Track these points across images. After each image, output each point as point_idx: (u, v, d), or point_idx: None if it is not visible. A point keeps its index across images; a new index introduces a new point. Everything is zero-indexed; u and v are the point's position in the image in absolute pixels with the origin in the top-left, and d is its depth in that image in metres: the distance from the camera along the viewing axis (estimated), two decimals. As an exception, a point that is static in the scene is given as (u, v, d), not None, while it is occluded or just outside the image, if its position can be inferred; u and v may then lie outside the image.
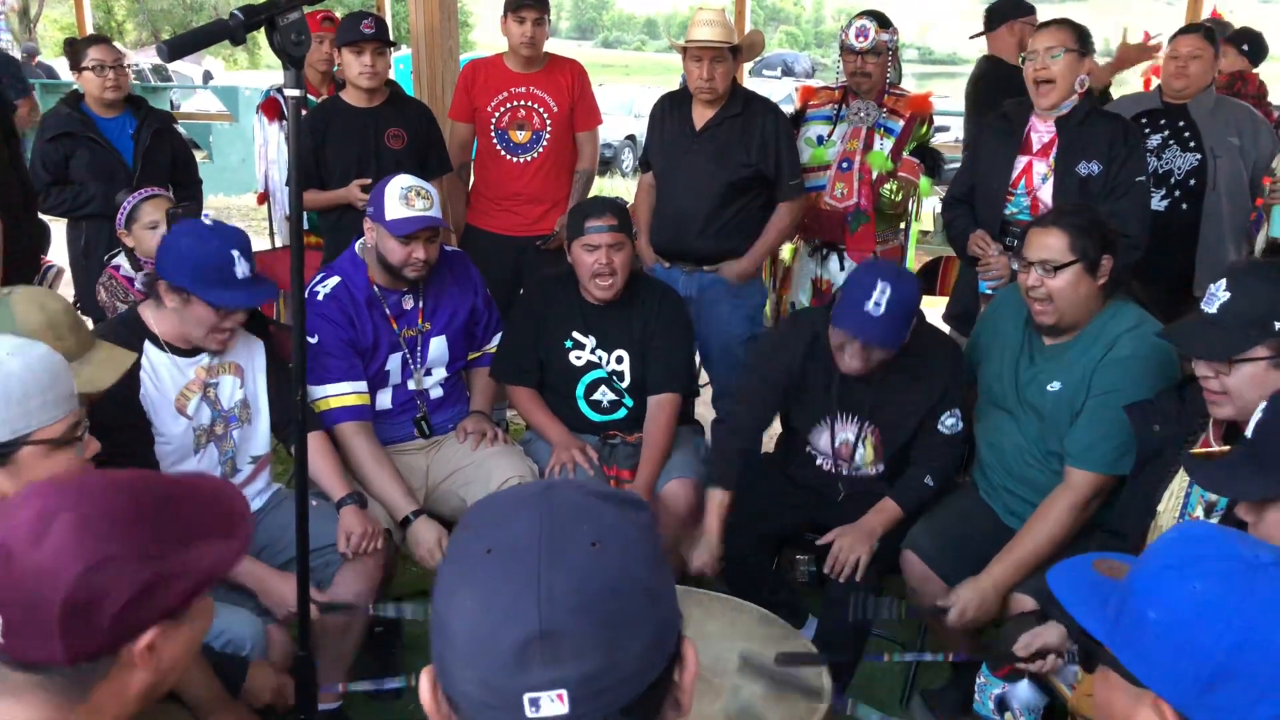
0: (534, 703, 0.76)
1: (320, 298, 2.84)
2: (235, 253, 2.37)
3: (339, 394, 2.80)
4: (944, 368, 2.72)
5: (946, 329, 3.44)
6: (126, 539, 1.11)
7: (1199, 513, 2.03)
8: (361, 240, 2.94)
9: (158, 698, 1.23)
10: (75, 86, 4.24)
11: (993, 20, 4.36)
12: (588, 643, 0.76)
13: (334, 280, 2.88)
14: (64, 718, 1.11)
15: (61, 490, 1.14)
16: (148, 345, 2.44)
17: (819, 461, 2.89)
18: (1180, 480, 2.08)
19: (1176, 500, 2.08)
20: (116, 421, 2.28)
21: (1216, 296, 1.94)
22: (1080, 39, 3.03)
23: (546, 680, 0.76)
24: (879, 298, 2.46)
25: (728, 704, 1.93)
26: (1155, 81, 4.04)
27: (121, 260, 3.35)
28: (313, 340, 2.76)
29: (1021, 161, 3.15)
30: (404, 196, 2.76)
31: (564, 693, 0.76)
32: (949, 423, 2.72)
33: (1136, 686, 1.03)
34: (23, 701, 1.11)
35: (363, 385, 2.85)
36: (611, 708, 0.78)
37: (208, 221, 2.48)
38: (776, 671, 1.98)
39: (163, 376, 2.45)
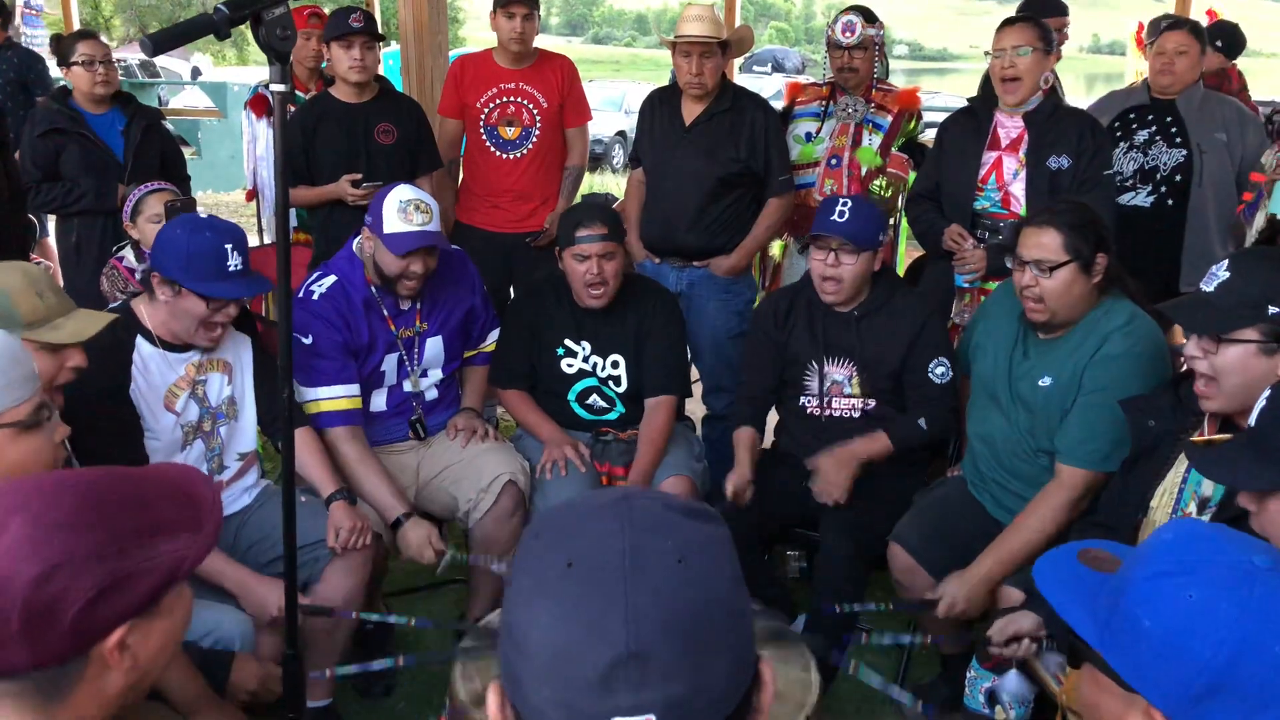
0: None
1: (315, 297, 2.80)
2: (229, 246, 2.36)
3: (329, 397, 2.77)
4: (917, 309, 2.91)
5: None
6: (81, 538, 1.09)
7: (1192, 509, 2.03)
8: (358, 240, 2.89)
9: (142, 694, 1.22)
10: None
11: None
12: (675, 665, 0.73)
13: (330, 279, 2.84)
14: None
15: (13, 493, 1.12)
16: (139, 340, 2.42)
17: (809, 410, 2.99)
18: (1174, 476, 2.08)
19: (1170, 497, 2.08)
20: (106, 413, 2.28)
21: (1216, 276, 1.96)
22: (1045, 38, 3.11)
23: (634, 704, 0.72)
24: (841, 208, 2.80)
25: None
26: None
27: (126, 252, 3.34)
28: (306, 340, 2.73)
29: (990, 157, 3.20)
30: (403, 210, 2.71)
31: (652, 717, 0.72)
32: (938, 371, 2.86)
33: (1128, 691, 1.02)
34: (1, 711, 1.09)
35: (355, 389, 2.81)
36: None
37: (202, 215, 2.46)
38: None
39: (152, 371, 2.43)
